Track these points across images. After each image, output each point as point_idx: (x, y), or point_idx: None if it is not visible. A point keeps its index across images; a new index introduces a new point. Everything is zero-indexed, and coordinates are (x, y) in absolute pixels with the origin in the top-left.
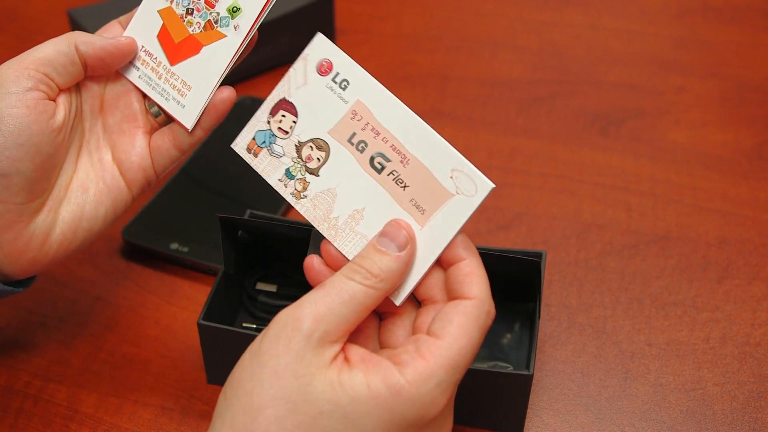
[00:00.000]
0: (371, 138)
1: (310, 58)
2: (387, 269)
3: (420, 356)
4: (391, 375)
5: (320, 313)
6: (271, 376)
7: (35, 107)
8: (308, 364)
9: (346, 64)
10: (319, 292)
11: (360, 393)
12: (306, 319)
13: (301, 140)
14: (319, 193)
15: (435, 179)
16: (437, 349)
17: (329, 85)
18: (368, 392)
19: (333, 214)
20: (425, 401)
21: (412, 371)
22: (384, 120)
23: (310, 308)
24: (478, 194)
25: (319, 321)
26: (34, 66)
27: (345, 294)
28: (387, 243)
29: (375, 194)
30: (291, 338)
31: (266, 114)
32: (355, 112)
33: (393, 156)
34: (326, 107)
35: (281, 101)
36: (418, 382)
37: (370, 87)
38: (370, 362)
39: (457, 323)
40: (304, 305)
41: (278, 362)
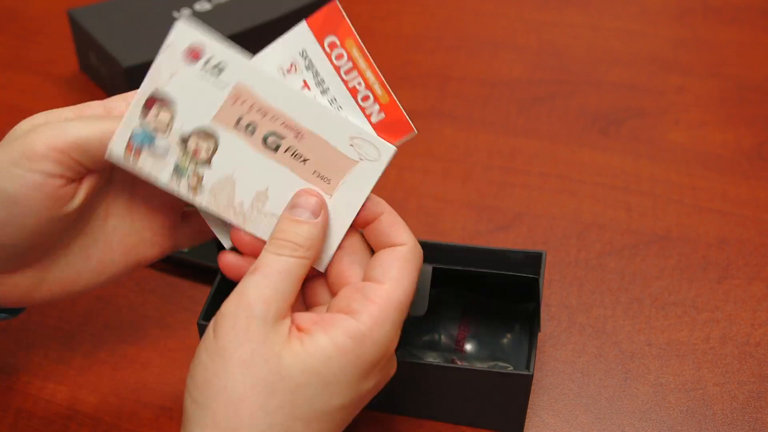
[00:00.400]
0: (259, 118)
1: (175, 46)
2: (309, 236)
3: (371, 302)
4: (350, 326)
5: (267, 294)
6: (241, 366)
7: (53, 195)
8: (272, 345)
9: (217, 48)
10: (256, 275)
11: (329, 353)
12: (256, 304)
13: (184, 133)
14: (217, 182)
15: (334, 149)
16: (384, 292)
17: (202, 72)
18: (336, 349)
19: (236, 200)
20: (385, 342)
21: (368, 317)
22: (270, 99)
23: (255, 293)
24: (382, 157)
25: (268, 302)
26: (67, 149)
27: (282, 271)
28: (301, 212)
29: (275, 173)
30: (248, 326)
31: (138, 111)
32: (236, 96)
33: (286, 133)
34: (204, 95)
35: (153, 96)
36: (375, 326)
37: (247, 68)
38: (324, 322)
39: (398, 267)
40: (249, 292)
41: (243, 351)
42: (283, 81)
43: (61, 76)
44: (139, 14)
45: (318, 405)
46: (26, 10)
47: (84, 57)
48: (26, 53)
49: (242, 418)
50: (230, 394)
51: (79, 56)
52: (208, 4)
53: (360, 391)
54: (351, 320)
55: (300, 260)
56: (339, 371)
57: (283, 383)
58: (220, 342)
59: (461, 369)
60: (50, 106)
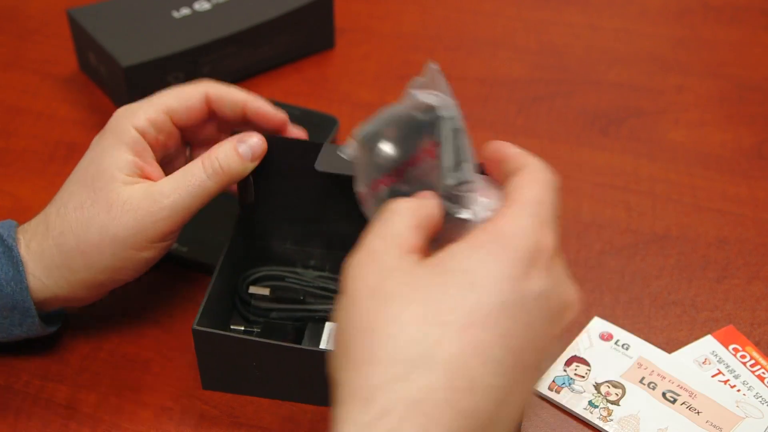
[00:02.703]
0: (659, 380)
1: (592, 331)
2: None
3: (505, 206)
4: (484, 225)
5: (387, 231)
6: (368, 293)
7: None
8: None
9: (624, 335)
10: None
11: (462, 248)
12: (379, 239)
13: (598, 382)
14: (624, 417)
15: (724, 408)
16: (517, 194)
17: (613, 347)
18: (469, 245)
19: (639, 431)
20: (528, 230)
21: (502, 215)
22: (665, 368)
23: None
24: (765, 416)
25: (384, 237)
26: None
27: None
28: None
29: (673, 418)
30: (371, 260)
31: (561, 365)
32: (639, 364)
33: (682, 392)
34: (614, 360)
35: (573, 357)
36: (510, 218)
37: (647, 348)
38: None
39: (528, 180)
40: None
41: (370, 282)
42: (672, 358)
43: (61, 76)
44: (138, 14)
45: (468, 306)
46: (25, 9)
47: (83, 57)
48: (25, 53)
49: (374, 340)
50: (360, 323)
51: (79, 56)
52: (208, 4)
53: (523, 292)
54: (485, 223)
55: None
56: (483, 264)
57: (416, 290)
58: (348, 290)
59: None
60: (49, 106)
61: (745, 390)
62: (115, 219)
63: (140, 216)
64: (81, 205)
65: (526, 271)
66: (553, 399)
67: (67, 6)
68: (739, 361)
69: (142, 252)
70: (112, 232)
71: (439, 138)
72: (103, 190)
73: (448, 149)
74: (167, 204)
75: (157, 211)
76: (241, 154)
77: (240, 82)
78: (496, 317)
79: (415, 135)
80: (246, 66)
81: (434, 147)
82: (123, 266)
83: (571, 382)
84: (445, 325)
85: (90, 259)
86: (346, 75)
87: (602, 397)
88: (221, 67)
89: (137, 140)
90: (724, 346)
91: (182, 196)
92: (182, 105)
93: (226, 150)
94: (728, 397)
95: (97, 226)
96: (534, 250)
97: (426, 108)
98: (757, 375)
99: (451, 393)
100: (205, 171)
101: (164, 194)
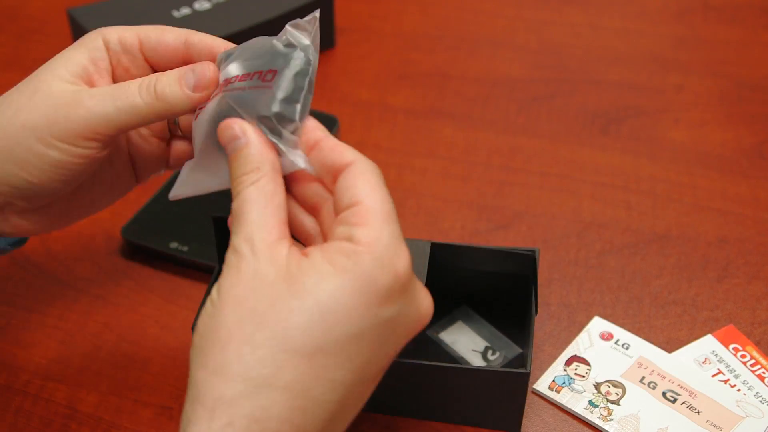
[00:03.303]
0: (659, 380)
1: (592, 330)
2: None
3: (356, 224)
4: (346, 246)
5: (247, 231)
6: (234, 303)
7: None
8: (263, 275)
9: (624, 335)
10: (234, 222)
11: (324, 272)
12: (240, 245)
13: (598, 381)
14: (624, 416)
15: (724, 407)
16: (364, 211)
17: (613, 347)
18: (332, 268)
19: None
20: (390, 255)
21: (360, 236)
22: (665, 368)
23: (238, 237)
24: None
25: (249, 238)
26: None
27: (251, 201)
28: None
29: (673, 417)
30: (238, 265)
31: (562, 365)
32: (639, 364)
33: (682, 392)
34: (614, 359)
35: (573, 356)
36: (372, 242)
37: (647, 348)
38: (322, 246)
39: (361, 183)
40: (233, 241)
41: (237, 291)
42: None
43: None
44: (138, 13)
45: (317, 334)
46: (26, 9)
47: None
48: (26, 52)
49: (228, 354)
50: (219, 333)
51: None
52: (208, 3)
53: (377, 318)
54: (344, 243)
55: (257, 183)
56: (339, 293)
57: (273, 311)
58: (219, 291)
59: (458, 368)
60: None
61: (746, 389)
62: (32, 105)
63: (56, 108)
64: (9, 92)
65: (382, 301)
66: (553, 399)
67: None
68: (740, 360)
69: (48, 149)
70: (23, 117)
71: (282, 69)
72: (37, 79)
73: (287, 83)
74: (89, 105)
75: (74, 109)
76: (184, 81)
77: None
78: (344, 344)
79: (262, 62)
80: None
81: (272, 75)
82: (26, 159)
83: (572, 381)
84: (293, 351)
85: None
86: (346, 74)
87: (602, 397)
88: None
89: (99, 48)
90: (725, 345)
91: (106, 105)
92: (157, 35)
93: (168, 74)
94: (728, 396)
95: (12, 109)
96: (393, 280)
97: (287, 43)
98: (757, 374)
99: (290, 412)
100: (139, 89)
101: (90, 95)
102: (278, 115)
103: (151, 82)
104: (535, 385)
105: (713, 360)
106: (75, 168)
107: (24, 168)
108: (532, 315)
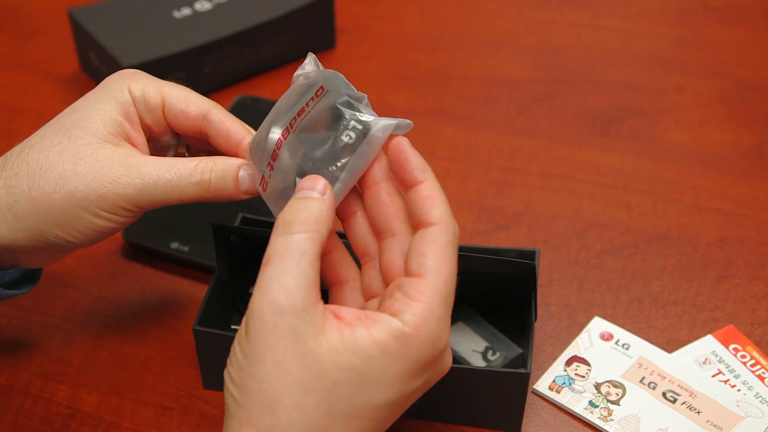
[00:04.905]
0: (659, 380)
1: (593, 331)
2: (316, 211)
3: (411, 299)
4: (394, 326)
5: (288, 284)
6: (275, 366)
7: None
8: (305, 339)
9: (625, 335)
10: (272, 267)
11: (371, 351)
12: (279, 297)
13: (598, 381)
14: (624, 417)
15: (724, 407)
16: (424, 287)
17: (613, 347)
18: (378, 348)
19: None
20: (433, 339)
21: (411, 316)
22: (666, 368)
23: (276, 286)
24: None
25: (291, 293)
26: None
27: (293, 252)
28: (307, 192)
29: (673, 417)
30: (276, 323)
31: (562, 365)
32: (640, 364)
33: (682, 392)
34: (614, 360)
35: (573, 357)
36: (420, 325)
37: (647, 348)
38: (368, 318)
39: (433, 255)
40: (269, 285)
41: (275, 352)
42: (672, 357)
43: (62, 76)
44: (139, 14)
45: (358, 402)
46: (27, 9)
47: (84, 56)
48: (27, 53)
49: (278, 418)
50: (265, 395)
51: (80, 56)
52: (209, 4)
53: (407, 389)
54: (393, 320)
55: (310, 234)
56: (381, 371)
57: (320, 381)
58: (252, 343)
59: (459, 369)
60: (51, 106)
61: (746, 390)
62: (79, 174)
63: (106, 181)
64: (48, 148)
65: (418, 374)
66: (553, 399)
67: (68, 6)
68: (740, 360)
69: (93, 217)
70: (71, 186)
71: (324, 82)
72: (80, 140)
73: (338, 82)
74: (138, 184)
75: (124, 185)
76: (239, 179)
77: (241, 82)
78: (378, 410)
79: (301, 99)
80: (247, 66)
81: (321, 90)
82: (70, 224)
83: (572, 381)
84: (336, 416)
85: (38, 207)
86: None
87: (602, 397)
88: (222, 67)
89: (129, 103)
90: (725, 345)
91: (156, 186)
92: (180, 102)
93: (225, 167)
94: (728, 396)
95: (56, 173)
96: (431, 358)
97: (307, 77)
98: (757, 375)
99: None
100: (193, 176)
101: (141, 173)
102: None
103: (206, 172)
104: (535, 386)
105: (713, 360)
106: (113, 230)
107: (66, 230)
108: (532, 318)
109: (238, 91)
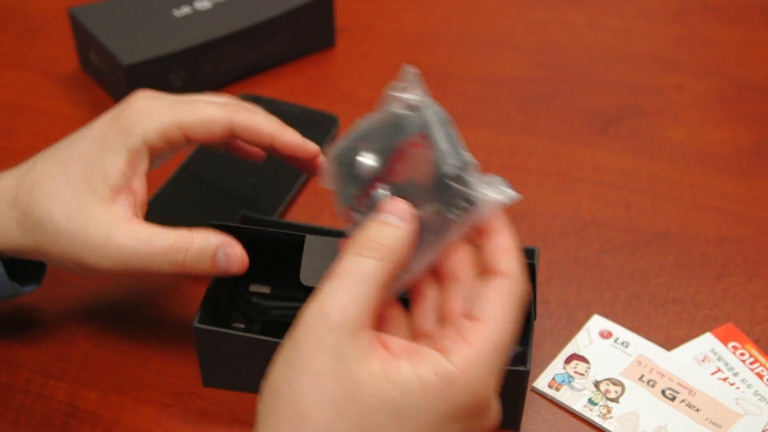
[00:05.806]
0: (658, 378)
1: (592, 329)
2: (394, 239)
3: (465, 341)
4: (440, 363)
5: (343, 301)
6: (312, 379)
7: None
8: (347, 360)
9: (624, 333)
10: (335, 281)
11: (411, 386)
12: (332, 311)
13: (598, 379)
14: (623, 414)
15: (723, 405)
16: (481, 332)
17: (612, 345)
18: (419, 384)
19: (639, 430)
20: (477, 387)
21: (460, 358)
22: (665, 366)
23: (332, 299)
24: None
25: (345, 310)
26: None
27: (361, 274)
28: (389, 217)
29: (673, 415)
30: (323, 336)
31: (561, 363)
32: (639, 362)
33: (681, 390)
34: (614, 358)
35: (573, 355)
36: (468, 369)
37: (646, 346)
38: (414, 352)
39: (496, 303)
40: (325, 298)
41: (316, 363)
42: (671, 355)
43: (62, 75)
44: (139, 13)
45: None
46: (27, 8)
47: (85, 55)
48: (27, 52)
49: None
50: (298, 406)
51: (80, 55)
52: (209, 3)
53: (443, 430)
54: (440, 357)
55: (381, 263)
56: (418, 408)
57: (355, 405)
58: (297, 351)
59: None
60: (51, 105)
61: (744, 387)
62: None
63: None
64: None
65: (454, 419)
66: (552, 396)
67: (68, 5)
68: (738, 358)
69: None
70: (62, 244)
71: (427, 129)
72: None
73: (441, 135)
74: (114, 256)
75: (101, 255)
76: (217, 259)
77: (240, 81)
78: None
79: (398, 134)
80: (246, 64)
81: (422, 139)
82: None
83: (571, 379)
84: None
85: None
86: (346, 74)
87: (602, 395)
88: (222, 66)
89: (140, 150)
90: (724, 343)
91: (131, 259)
92: (201, 127)
93: (203, 247)
94: (727, 394)
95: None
96: (471, 406)
97: (408, 106)
98: (756, 373)
99: None
100: (168, 255)
101: (118, 245)
102: (452, 170)
103: (180, 257)
104: (534, 384)
105: (712, 358)
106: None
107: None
108: (531, 316)
109: (238, 90)
